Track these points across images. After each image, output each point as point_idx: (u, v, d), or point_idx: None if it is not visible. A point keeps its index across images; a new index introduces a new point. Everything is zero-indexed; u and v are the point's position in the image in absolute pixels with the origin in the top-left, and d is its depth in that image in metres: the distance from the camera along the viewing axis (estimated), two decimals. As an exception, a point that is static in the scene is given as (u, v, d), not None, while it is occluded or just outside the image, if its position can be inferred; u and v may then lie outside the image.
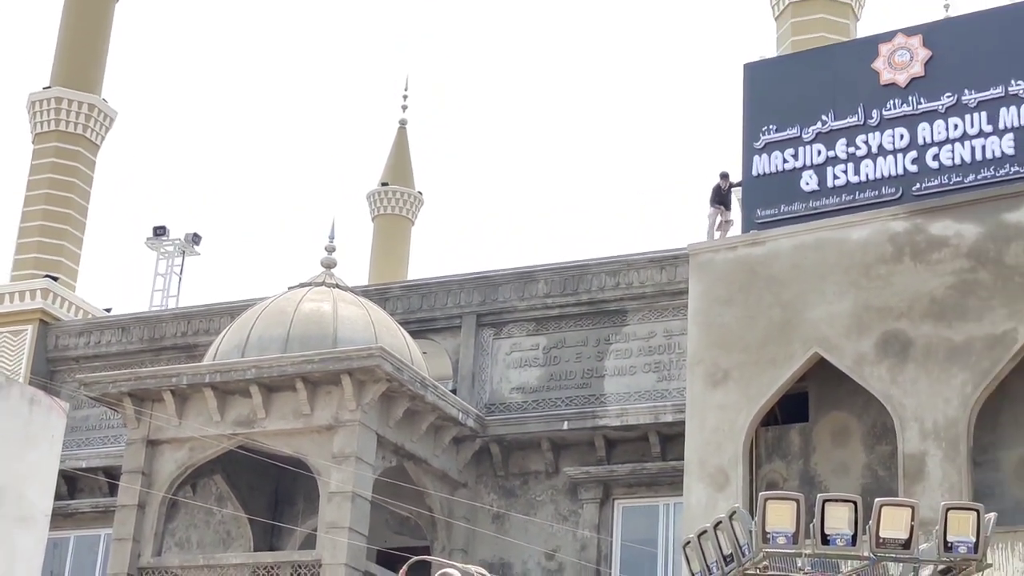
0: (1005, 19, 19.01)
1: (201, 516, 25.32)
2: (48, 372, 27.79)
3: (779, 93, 20.08)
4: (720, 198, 21.69)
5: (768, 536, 11.64)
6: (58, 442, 15.69)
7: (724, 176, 21.76)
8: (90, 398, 24.05)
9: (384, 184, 41.24)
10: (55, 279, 29.06)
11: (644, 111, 70.13)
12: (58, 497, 19.44)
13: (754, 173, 19.85)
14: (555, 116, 71.05)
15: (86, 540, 26.39)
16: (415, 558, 17.02)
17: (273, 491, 24.94)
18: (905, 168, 18.92)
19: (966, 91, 18.81)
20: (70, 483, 26.14)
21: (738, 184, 21.16)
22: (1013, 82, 18.53)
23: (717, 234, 21.36)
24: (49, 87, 31.67)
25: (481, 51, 73.61)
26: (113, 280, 63.07)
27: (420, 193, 41.63)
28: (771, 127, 19.86)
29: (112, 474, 25.46)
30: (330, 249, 25.10)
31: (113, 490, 24.80)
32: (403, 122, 42.49)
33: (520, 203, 68.60)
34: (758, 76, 20.59)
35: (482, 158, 69.20)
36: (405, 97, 43.12)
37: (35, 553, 15.16)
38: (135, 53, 64.25)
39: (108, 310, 29.85)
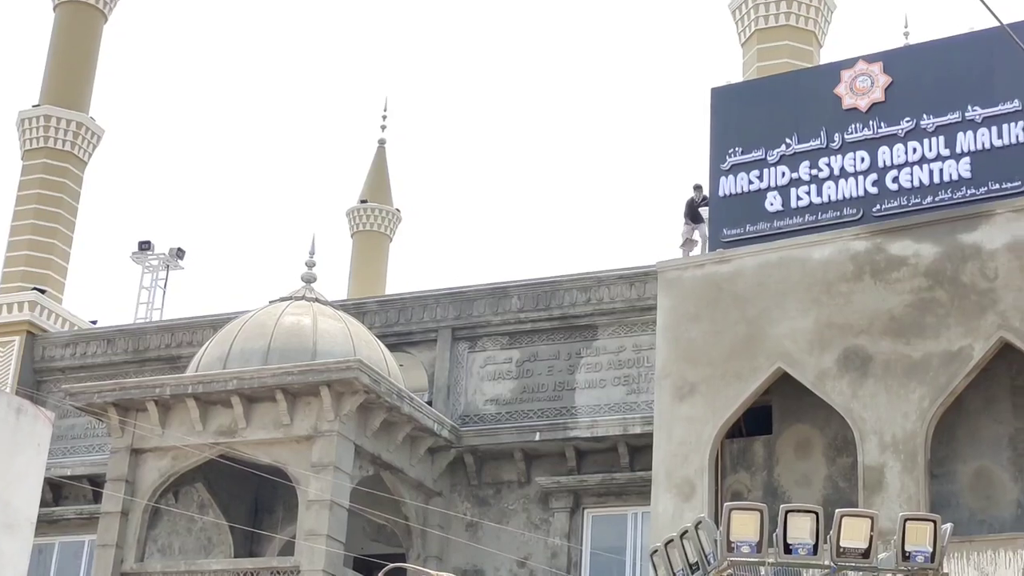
0: (962, 47, 19.09)
1: (183, 523, 25.19)
2: (35, 382, 27.63)
3: (745, 117, 20.12)
4: (693, 212, 21.72)
5: (733, 545, 11.63)
6: (44, 451, 15.59)
7: (698, 188, 21.82)
8: (76, 408, 23.95)
9: (363, 201, 41.19)
10: (42, 292, 28.93)
11: (615, 132, 70.31)
12: (43, 504, 19.28)
13: (721, 194, 19.88)
14: (529, 136, 71.17)
15: (71, 546, 26.23)
16: (391, 565, 17.01)
17: (253, 499, 24.85)
18: (866, 190, 18.97)
19: (925, 116, 18.88)
20: (55, 490, 25.99)
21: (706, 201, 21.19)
22: (970, 108, 18.60)
23: (687, 251, 21.40)
24: (38, 105, 31.57)
25: (458, 72, 73.67)
26: (99, 293, 62.80)
27: (398, 210, 41.61)
28: (737, 149, 19.89)
29: (96, 482, 25.29)
30: (310, 264, 25.07)
31: (97, 497, 24.63)
32: (382, 141, 42.46)
33: (494, 220, 68.66)
34: (725, 100, 20.63)
35: (458, 177, 69.26)
36: (384, 117, 43.12)
37: (20, 559, 15.06)
38: (122, 71, 64.10)
39: (94, 322, 29.71)
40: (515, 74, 73.78)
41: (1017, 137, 18.19)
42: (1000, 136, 18.32)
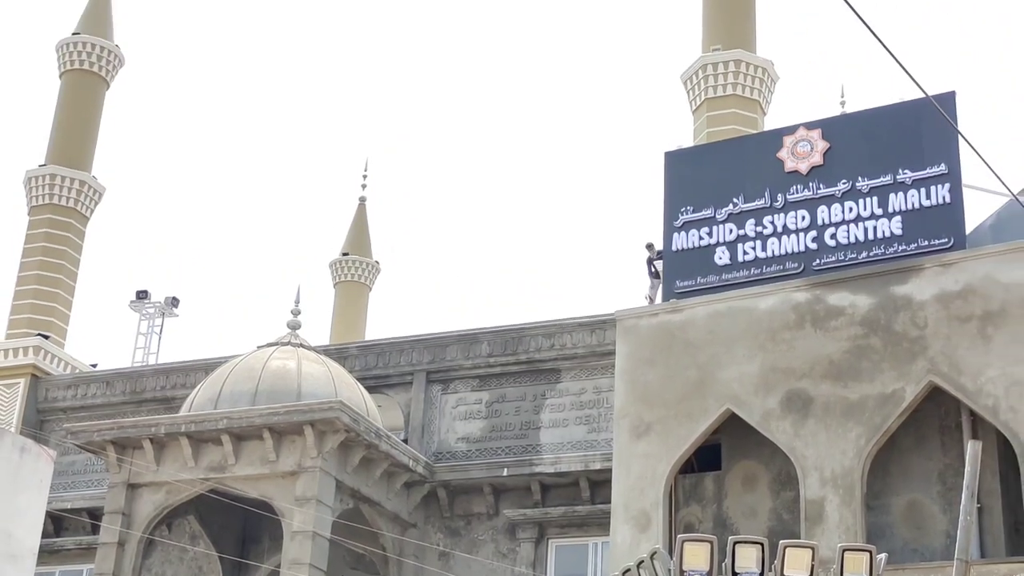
0: (893, 116, 19.23)
1: (176, 553, 24.96)
2: (38, 422, 27.44)
3: (696, 178, 20.16)
4: (654, 269, 21.88)
5: (685, 574, 11.58)
6: (46, 486, 15.48)
7: (650, 246, 22.01)
8: (76, 445, 23.79)
9: (345, 254, 41.15)
10: (46, 337, 28.78)
11: (577, 190, 70.58)
12: (45, 535, 19.09)
13: (674, 248, 19.92)
14: (498, 195, 71.42)
15: (70, 575, 25.95)
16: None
17: (241, 530, 24.64)
18: (806, 246, 19.03)
19: (860, 178, 18.97)
20: (56, 522, 25.72)
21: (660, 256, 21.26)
22: (900, 171, 18.70)
23: (648, 299, 21.51)
24: (44, 165, 31.49)
25: (432, 136, 73.88)
26: (99, 338, 62.45)
27: (377, 262, 41.58)
28: (689, 208, 19.94)
29: (95, 514, 25.10)
30: (295, 312, 25.02)
31: (96, 529, 24.44)
32: (362, 199, 42.48)
33: (466, 271, 68.68)
34: (677, 163, 20.71)
35: (432, 231, 69.32)
36: (364, 177, 43.16)
37: (22, 587, 14.91)
38: (122, 133, 64.01)
39: (94, 365, 29.54)
40: (487, 137, 74.08)
41: (944, 198, 18.30)
42: (928, 197, 18.43)
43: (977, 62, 67.92)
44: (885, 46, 8.30)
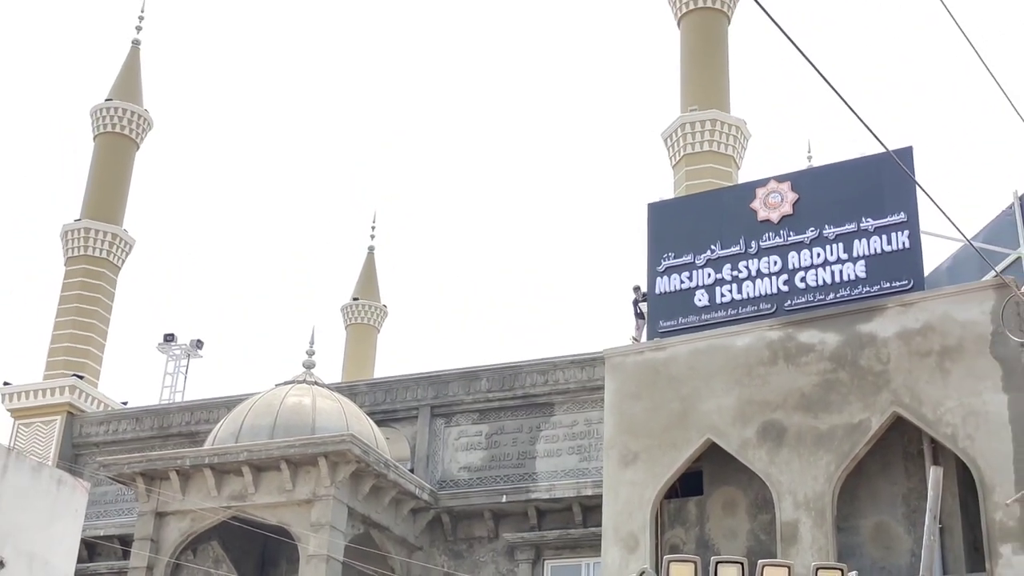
0: (856, 169, 19.26)
1: (200, 576, 24.83)
2: (73, 455, 27.35)
3: (676, 227, 20.17)
4: (639, 310, 21.89)
5: (671, 592, 11.55)
6: (80, 516, 15.45)
7: (636, 288, 22.05)
8: (108, 477, 23.70)
9: (355, 299, 41.20)
10: (81, 377, 28.75)
11: (568, 239, 70.74)
12: (79, 560, 18.99)
13: (657, 291, 19.92)
14: (498, 244, 71.55)
15: (102, 598, 25.81)
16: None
17: (260, 554, 24.52)
18: (778, 288, 19.03)
19: (826, 227, 18.99)
20: (90, 548, 25.59)
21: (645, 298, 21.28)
22: (863, 219, 18.72)
23: (634, 339, 21.49)
24: (79, 219, 31.55)
25: (434, 190, 74.10)
26: (129, 378, 62.27)
27: (385, 306, 41.60)
28: (670, 254, 19.94)
29: (126, 541, 24.97)
30: (310, 353, 25.01)
31: (126, 555, 24.30)
32: (371, 248, 42.60)
33: (467, 313, 68.65)
34: (659, 213, 20.73)
35: (436, 277, 69.35)
36: (373, 228, 43.31)
37: (59, 610, 14.83)
38: (151, 189, 64.15)
39: (125, 403, 29.47)
40: (486, 188, 74.31)
41: (904, 244, 18.33)
42: (889, 243, 18.46)
43: (934, 114, 68.30)
44: (849, 106, 8.37)
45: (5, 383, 29.05)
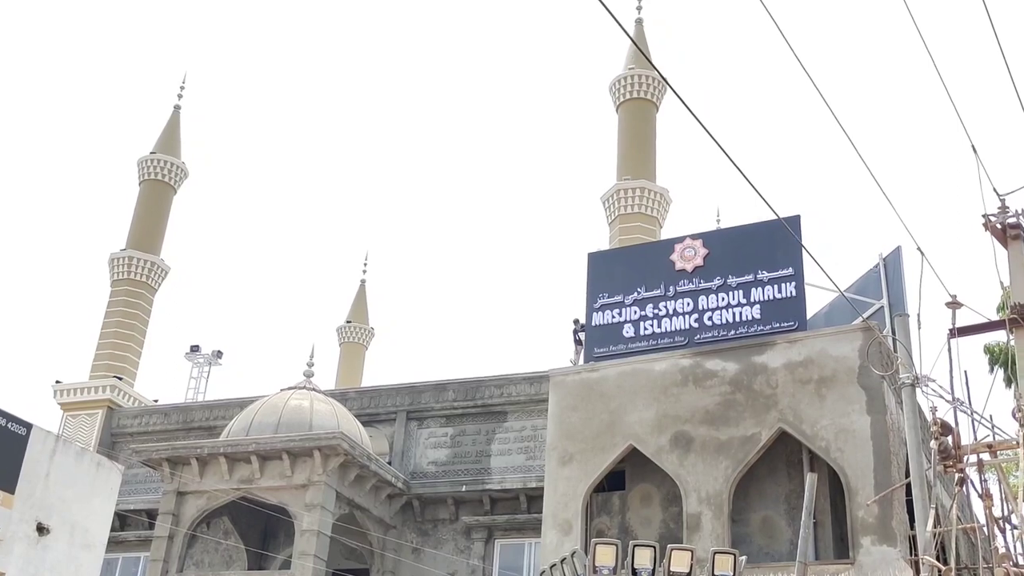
0: (755, 231, 19.40)
1: (212, 545, 24.48)
2: (111, 443, 26.95)
3: (610, 273, 20.23)
4: (577, 339, 21.94)
5: (597, 569, 11.53)
6: (115, 492, 15.23)
7: (576, 321, 22.06)
8: (139, 461, 23.36)
9: (348, 321, 40.99)
10: (120, 379, 28.39)
11: (522, 278, 70.88)
12: (113, 529, 18.73)
13: (593, 324, 19.94)
14: (466, 279, 71.55)
15: (130, 561, 25.38)
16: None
17: (263, 529, 24.23)
18: (690, 325, 19.12)
19: (730, 276, 19.12)
20: (122, 520, 25.18)
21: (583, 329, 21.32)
22: (759, 272, 18.85)
23: (573, 361, 21.50)
24: (124, 249, 31.22)
25: (416, 230, 74.03)
26: (161, 380, 61.52)
27: (372, 328, 41.42)
28: (605, 294, 20.00)
29: (151, 514, 24.62)
30: (309, 364, 24.85)
31: (151, 526, 23.96)
32: (363, 281, 42.43)
33: (440, 337, 68.46)
34: (597, 261, 20.79)
35: (416, 303, 69.15)
36: (365, 265, 43.13)
37: (94, 570, 14.62)
38: (185, 223, 63.66)
39: (156, 401, 29.10)
40: (459, 237, 74.31)
41: (791, 292, 18.48)
42: (780, 291, 18.60)
43: (820, 187, 69.11)
44: (752, 185, 8.46)
45: (57, 381, 28.63)
